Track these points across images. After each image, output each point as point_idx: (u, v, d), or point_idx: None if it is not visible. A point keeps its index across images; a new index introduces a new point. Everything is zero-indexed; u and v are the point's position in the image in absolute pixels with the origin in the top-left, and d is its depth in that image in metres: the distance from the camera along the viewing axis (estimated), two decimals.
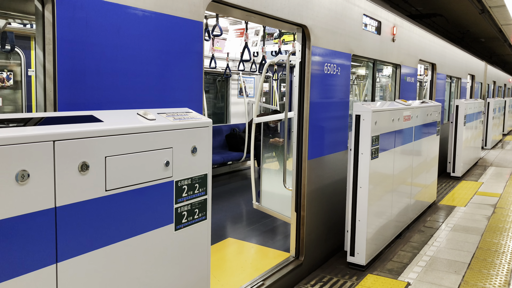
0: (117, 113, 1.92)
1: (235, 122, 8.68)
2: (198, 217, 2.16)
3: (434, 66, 7.98)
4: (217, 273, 3.66)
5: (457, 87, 10.44)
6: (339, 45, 4.22)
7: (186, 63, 2.49)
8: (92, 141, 1.62)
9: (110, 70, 2.09)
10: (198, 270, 2.20)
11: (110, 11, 2.06)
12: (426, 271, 4.00)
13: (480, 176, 8.68)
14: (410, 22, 6.39)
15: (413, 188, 5.27)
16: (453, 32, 16.00)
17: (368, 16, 4.85)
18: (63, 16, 1.89)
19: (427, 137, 5.66)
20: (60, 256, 1.55)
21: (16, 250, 1.42)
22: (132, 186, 1.80)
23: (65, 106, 1.92)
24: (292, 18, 3.45)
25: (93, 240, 1.66)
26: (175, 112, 2.15)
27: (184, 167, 2.05)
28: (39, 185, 1.46)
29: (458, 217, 5.78)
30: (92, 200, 1.64)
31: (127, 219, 1.79)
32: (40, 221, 1.48)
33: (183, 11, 2.44)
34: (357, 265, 4.03)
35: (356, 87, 9.05)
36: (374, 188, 4.02)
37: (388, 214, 4.49)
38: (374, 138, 3.91)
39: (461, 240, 4.85)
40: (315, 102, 3.88)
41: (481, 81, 13.71)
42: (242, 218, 5.41)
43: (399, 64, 6.00)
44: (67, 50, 1.91)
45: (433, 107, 5.88)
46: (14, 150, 1.39)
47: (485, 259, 4.29)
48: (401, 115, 4.58)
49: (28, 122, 1.56)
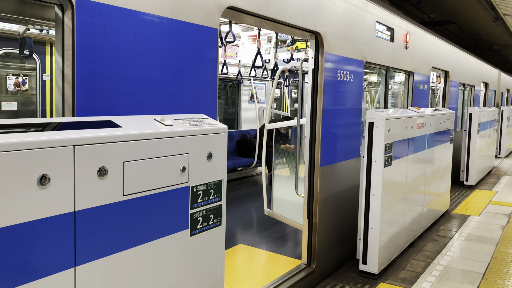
0: (134, 119, 1.94)
1: (246, 128, 8.70)
2: (213, 223, 2.16)
3: (447, 73, 7.92)
4: (229, 279, 3.65)
5: (471, 94, 10.34)
6: (352, 52, 4.22)
7: (201, 69, 2.51)
8: (111, 146, 1.64)
9: (127, 76, 2.11)
10: (212, 276, 2.20)
11: (128, 18, 2.09)
12: (440, 281, 3.94)
13: (494, 185, 8.56)
14: (423, 29, 6.37)
15: (426, 196, 5.21)
16: (466, 39, 15.88)
17: (381, 23, 4.84)
18: (82, 23, 1.92)
19: (440, 145, 5.61)
20: (79, 260, 1.56)
21: (36, 253, 1.43)
22: (149, 191, 1.81)
23: (83, 111, 1.95)
24: (305, 25, 3.46)
25: (110, 245, 1.67)
26: (191, 118, 2.16)
27: (200, 172, 2.06)
28: (59, 189, 1.48)
29: (472, 227, 5.70)
30: (110, 205, 1.65)
31: (144, 224, 1.80)
32: (60, 225, 1.49)
33: (198, 18, 2.46)
34: (369, 274, 3.99)
35: (368, 94, 9.01)
36: (387, 196, 3.99)
37: (401, 223, 4.44)
38: (387, 145, 3.89)
39: (475, 250, 4.78)
40: (328, 109, 3.87)
41: (494, 89, 13.57)
42: (252, 225, 5.39)
43: (411, 71, 5.96)
44: (86, 56, 1.94)
45: (446, 115, 5.82)
46: (35, 154, 1.41)
47: (500, 270, 4.22)
48: (415, 122, 4.55)
49: (47, 127, 1.59)
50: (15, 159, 1.36)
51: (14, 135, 1.40)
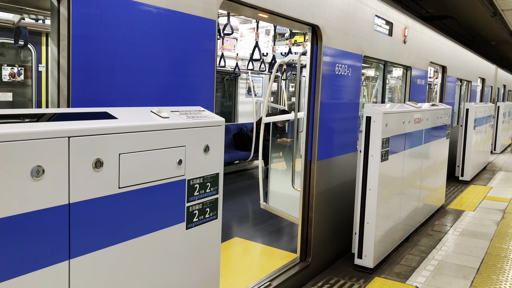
0: (131, 111, 1.92)
1: (243, 121, 8.67)
2: (209, 216, 2.15)
3: (444, 68, 7.91)
4: (224, 272, 3.65)
5: (467, 90, 10.35)
6: (350, 46, 4.20)
7: (198, 62, 2.48)
8: (107, 138, 1.62)
9: (123, 67, 2.08)
10: (208, 269, 2.19)
11: (124, 8, 2.06)
12: (434, 276, 3.96)
13: (489, 181, 8.60)
14: (421, 24, 6.34)
15: (422, 191, 5.23)
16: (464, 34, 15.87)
17: (380, 17, 4.81)
18: (78, 12, 1.89)
19: (436, 140, 5.61)
20: (73, 252, 1.55)
21: (29, 245, 1.41)
22: (145, 184, 1.80)
23: (79, 103, 1.92)
24: (304, 18, 3.43)
25: (105, 238, 1.66)
26: (188, 111, 2.14)
27: (197, 165, 2.05)
28: (53, 181, 1.46)
29: (467, 222, 5.73)
30: (106, 197, 1.64)
31: (139, 217, 1.79)
32: (54, 217, 1.47)
33: (196, 9, 2.43)
34: (364, 268, 4.00)
35: (365, 89, 9.00)
36: (383, 190, 3.99)
37: (397, 217, 4.45)
38: (384, 140, 3.88)
39: (469, 245, 4.80)
40: (326, 103, 3.86)
41: (491, 85, 13.59)
42: (248, 218, 5.39)
43: (409, 66, 5.95)
44: (82, 46, 1.91)
45: (443, 110, 5.83)
46: (29, 145, 1.38)
47: (494, 265, 4.25)
48: (412, 117, 4.54)
49: (41, 118, 1.56)
50: (9, 150, 1.34)
51: (8, 126, 1.38)
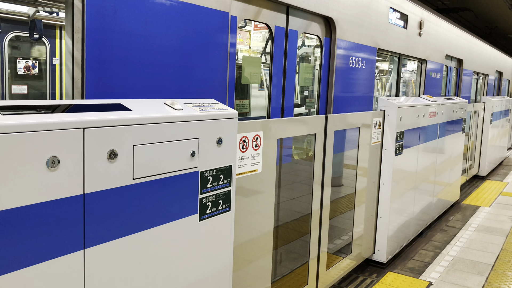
0: (144, 102, 1.92)
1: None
2: (222, 208, 2.15)
3: (461, 62, 7.77)
4: None
5: (484, 83, 10.16)
6: (364, 39, 4.14)
7: (211, 54, 2.48)
8: (121, 129, 1.62)
9: (137, 59, 2.09)
10: (220, 261, 2.20)
11: (138, 0, 2.06)
12: (448, 271, 3.92)
13: (505, 176, 8.45)
14: (437, 16, 6.23)
15: (436, 186, 5.16)
16: (481, 27, 15.56)
17: (395, 10, 4.74)
18: (92, 5, 1.89)
19: (452, 134, 5.53)
20: (88, 242, 1.56)
21: (45, 234, 1.43)
22: (159, 175, 1.80)
23: (93, 95, 1.93)
24: (318, 9, 3.39)
25: (119, 228, 1.67)
26: (201, 103, 2.14)
27: (210, 158, 2.05)
28: (68, 172, 1.47)
29: (482, 218, 5.65)
30: (120, 188, 1.65)
31: (153, 208, 1.80)
32: (69, 207, 1.49)
33: (210, 1, 2.42)
34: (377, 262, 3.98)
35: (379, 82, 8.89)
36: (396, 185, 3.95)
37: (410, 212, 4.41)
38: (398, 134, 3.83)
39: (485, 241, 4.74)
40: (339, 96, 3.82)
41: (509, 78, 13.32)
42: None
43: (425, 59, 5.86)
44: (96, 39, 1.92)
45: (459, 104, 5.73)
46: (45, 136, 1.40)
47: (510, 261, 4.18)
48: (427, 111, 4.48)
49: (57, 109, 1.57)
50: (25, 140, 1.35)
51: (24, 117, 1.39)
